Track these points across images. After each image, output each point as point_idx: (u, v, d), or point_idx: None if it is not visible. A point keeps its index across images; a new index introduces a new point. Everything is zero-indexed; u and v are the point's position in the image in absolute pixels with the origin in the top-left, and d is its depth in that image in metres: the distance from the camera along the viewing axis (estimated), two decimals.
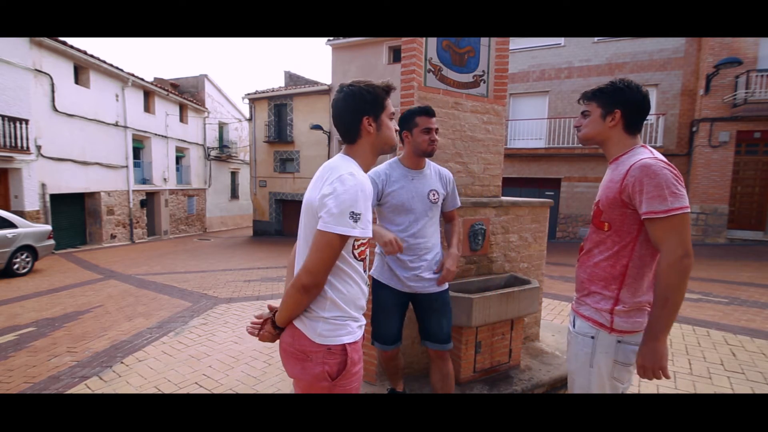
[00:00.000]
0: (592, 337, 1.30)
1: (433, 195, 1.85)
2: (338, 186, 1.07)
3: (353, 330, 1.18)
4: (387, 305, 1.90)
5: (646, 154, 1.22)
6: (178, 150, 18.10)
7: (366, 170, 1.25)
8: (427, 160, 1.91)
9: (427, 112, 1.83)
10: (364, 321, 1.26)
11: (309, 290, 1.09)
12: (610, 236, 1.28)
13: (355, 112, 1.20)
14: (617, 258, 1.27)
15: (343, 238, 1.07)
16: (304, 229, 1.18)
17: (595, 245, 1.34)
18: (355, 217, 1.05)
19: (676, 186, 1.14)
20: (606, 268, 1.30)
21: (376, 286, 1.93)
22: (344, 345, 1.15)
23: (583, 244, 1.43)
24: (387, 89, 1.25)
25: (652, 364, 1.17)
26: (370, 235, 1.13)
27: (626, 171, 1.21)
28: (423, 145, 1.81)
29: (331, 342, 1.13)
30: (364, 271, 1.23)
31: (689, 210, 1.14)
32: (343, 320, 1.16)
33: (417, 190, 1.83)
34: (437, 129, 1.83)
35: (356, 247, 1.17)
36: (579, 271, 1.42)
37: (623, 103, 1.29)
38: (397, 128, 1.43)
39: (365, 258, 1.23)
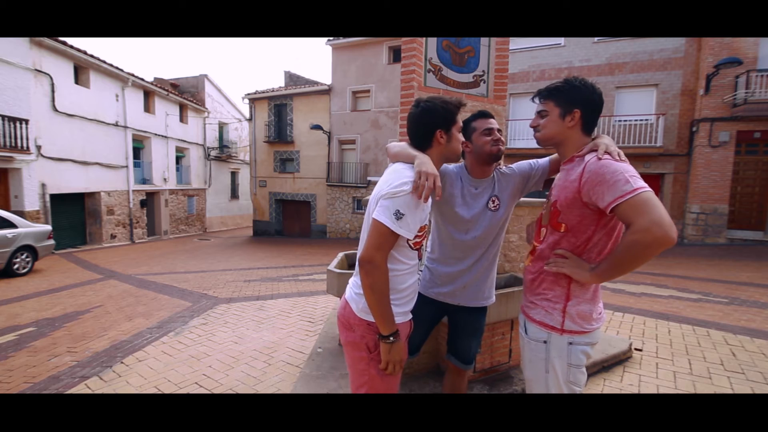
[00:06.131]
0: (545, 342, 1.28)
1: (493, 203, 1.65)
2: (394, 190, 1.26)
3: None
4: (419, 318, 1.80)
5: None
6: (178, 150, 18.10)
7: None
8: (495, 166, 1.71)
9: (483, 114, 1.68)
10: (406, 307, 1.39)
11: (362, 265, 1.22)
12: (565, 236, 1.26)
13: (430, 125, 1.36)
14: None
15: (388, 229, 1.22)
16: (366, 220, 1.35)
17: (549, 246, 1.31)
18: (398, 215, 1.22)
19: (632, 172, 1.12)
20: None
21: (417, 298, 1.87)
22: None
23: (534, 247, 1.41)
24: (458, 105, 1.40)
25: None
26: (409, 236, 1.26)
27: (582, 170, 1.19)
28: (486, 147, 1.59)
29: (370, 318, 1.28)
30: (419, 259, 1.40)
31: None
32: None
33: (475, 201, 1.67)
34: (500, 130, 1.64)
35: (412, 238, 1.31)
36: (528, 273, 1.40)
37: (582, 103, 1.25)
38: (464, 140, 1.50)
39: (420, 248, 1.39)
